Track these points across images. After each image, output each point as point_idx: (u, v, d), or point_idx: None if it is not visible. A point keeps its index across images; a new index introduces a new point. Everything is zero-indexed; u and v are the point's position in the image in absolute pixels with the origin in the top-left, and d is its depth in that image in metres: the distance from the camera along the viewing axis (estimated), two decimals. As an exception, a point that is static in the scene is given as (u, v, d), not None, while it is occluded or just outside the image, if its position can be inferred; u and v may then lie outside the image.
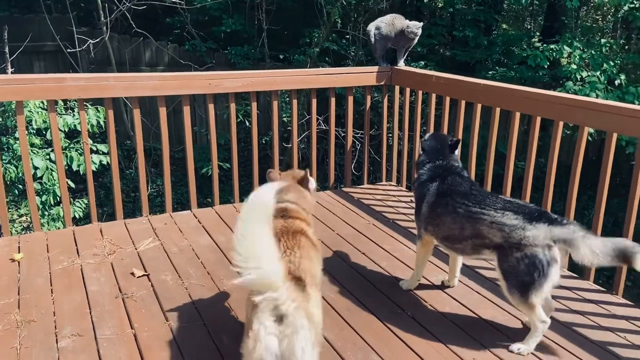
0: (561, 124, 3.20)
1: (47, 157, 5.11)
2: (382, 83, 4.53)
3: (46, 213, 5.35)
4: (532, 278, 2.30)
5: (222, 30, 9.43)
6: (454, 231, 2.59)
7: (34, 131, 5.32)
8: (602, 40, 7.92)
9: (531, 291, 2.31)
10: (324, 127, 6.96)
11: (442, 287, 2.99)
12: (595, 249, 2.21)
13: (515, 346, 2.44)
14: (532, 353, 2.42)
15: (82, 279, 2.97)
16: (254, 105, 4.16)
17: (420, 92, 4.38)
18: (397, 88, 4.57)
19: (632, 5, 6.61)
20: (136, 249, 3.34)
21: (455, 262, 2.94)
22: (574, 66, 7.08)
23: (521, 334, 2.54)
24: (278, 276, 1.77)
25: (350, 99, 4.52)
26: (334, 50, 8.81)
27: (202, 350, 2.40)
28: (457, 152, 2.92)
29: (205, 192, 7.61)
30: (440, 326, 2.62)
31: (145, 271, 3.06)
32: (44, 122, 5.11)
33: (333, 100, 4.44)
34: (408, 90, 4.49)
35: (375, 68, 4.49)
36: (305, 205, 2.41)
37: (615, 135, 2.91)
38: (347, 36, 9.08)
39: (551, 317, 2.58)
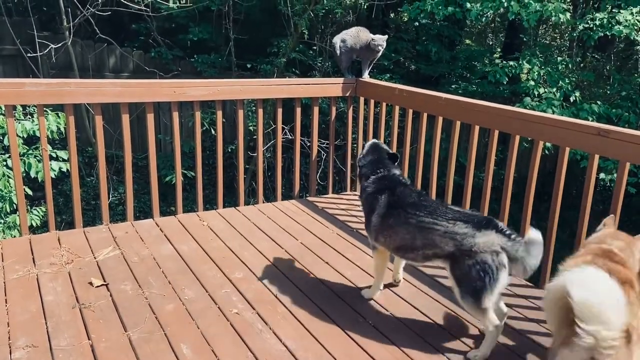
0: (517, 137, 3.32)
1: (4, 163, 4.96)
2: (347, 94, 4.59)
3: (1, 221, 5.18)
4: (483, 283, 2.38)
5: (188, 38, 9.39)
6: (407, 242, 2.66)
7: (-9, 137, 5.16)
8: (559, 58, 8.24)
9: (483, 296, 2.39)
10: (290, 137, 7.00)
11: (390, 285, 3.10)
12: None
13: (472, 353, 2.51)
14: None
15: (38, 288, 2.89)
16: (219, 113, 4.15)
17: (384, 104, 4.46)
18: (361, 99, 4.65)
19: (586, 25, 6.90)
20: (95, 258, 3.28)
21: (399, 262, 3.07)
22: (532, 82, 7.34)
23: (477, 339, 2.61)
24: (620, 319, 1.72)
25: (316, 110, 4.56)
26: (300, 61, 8.87)
27: (161, 360, 2.37)
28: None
29: (169, 201, 7.52)
30: (402, 334, 2.66)
31: (104, 281, 3.01)
32: (1, 127, 4.97)
33: (299, 110, 4.48)
34: (372, 102, 4.56)
35: (341, 80, 4.55)
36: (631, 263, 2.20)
37: (567, 150, 3.03)
38: (314, 47, 9.17)
39: (507, 325, 2.67)
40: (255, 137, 4.63)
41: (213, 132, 7.43)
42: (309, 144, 4.88)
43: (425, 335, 2.66)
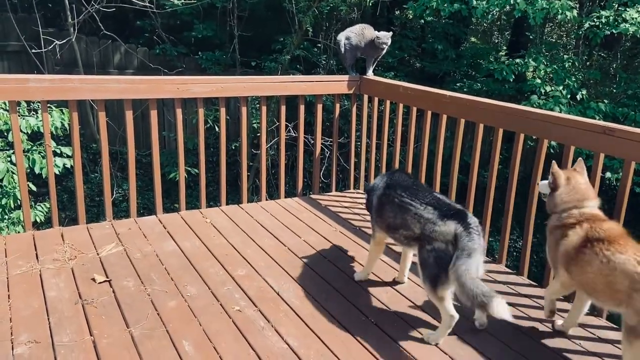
0: (522, 135, 3.29)
1: (8, 159, 4.97)
2: (352, 92, 4.57)
3: (6, 217, 5.20)
4: (438, 271, 2.46)
5: (193, 35, 9.39)
6: (391, 220, 2.79)
7: (-5, 133, 5.18)
8: (565, 56, 8.19)
9: (438, 284, 2.47)
10: (294, 134, 6.99)
11: (394, 283, 3.13)
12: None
13: (427, 334, 2.60)
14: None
15: (40, 284, 2.89)
16: (223, 110, 4.15)
17: (388, 102, 4.44)
18: (365, 97, 4.62)
19: (592, 23, 6.86)
20: (98, 254, 3.28)
21: (405, 261, 3.12)
22: (539, 80, 7.30)
23: (482, 338, 2.60)
24: None
25: (320, 107, 4.55)
26: (305, 58, 8.86)
27: (163, 357, 2.36)
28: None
29: (173, 198, 7.53)
30: (404, 333, 2.65)
31: (107, 277, 3.01)
32: (6, 123, 4.98)
33: (302, 107, 4.46)
34: (376, 99, 4.55)
35: (345, 77, 4.53)
36: None
37: (572, 148, 3.01)
38: (319, 44, 9.15)
39: (510, 324, 2.66)
40: (259, 134, 4.62)
41: (217, 129, 7.44)
42: (312, 142, 4.87)
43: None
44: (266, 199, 4.50)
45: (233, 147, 8.19)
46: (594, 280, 2.32)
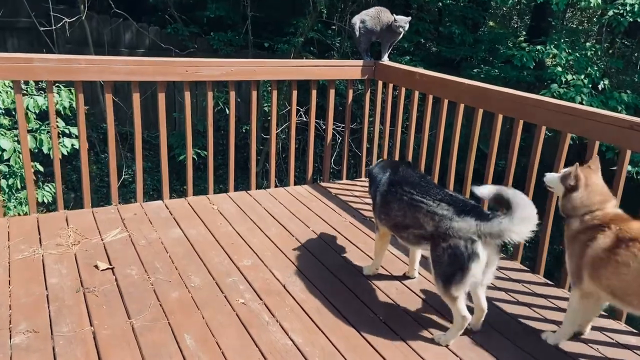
0: (544, 128, 3.15)
1: (16, 138, 4.90)
2: (366, 77, 4.43)
3: (13, 197, 5.16)
4: (453, 269, 2.35)
5: (205, 15, 9.23)
6: (399, 219, 2.67)
7: (3, 111, 5.10)
8: (587, 44, 7.93)
9: (452, 283, 2.36)
10: (305, 119, 6.86)
11: (403, 277, 3.04)
12: (524, 216, 2.23)
13: (437, 335, 2.50)
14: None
15: (42, 270, 2.83)
16: (233, 94, 4.04)
17: (403, 88, 4.29)
18: (380, 83, 4.48)
19: (616, 11, 6.60)
20: (102, 239, 3.21)
21: (414, 255, 3.02)
22: (559, 68, 7.07)
23: (490, 338, 2.50)
24: None
25: (332, 92, 4.41)
26: (319, 41, 8.68)
27: (164, 351, 2.29)
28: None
29: (183, 180, 7.45)
30: (412, 331, 2.55)
31: (110, 264, 2.94)
32: (14, 102, 4.90)
33: (314, 92, 4.33)
34: (391, 85, 4.40)
35: (359, 62, 4.39)
36: None
37: (597, 143, 2.86)
38: (333, 27, 8.95)
39: (527, 326, 2.55)
40: (270, 118, 4.51)
41: (227, 111, 7.33)
42: (324, 127, 4.75)
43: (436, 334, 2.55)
44: (275, 185, 4.41)
45: (244, 130, 8.08)
46: (632, 282, 2.20)
